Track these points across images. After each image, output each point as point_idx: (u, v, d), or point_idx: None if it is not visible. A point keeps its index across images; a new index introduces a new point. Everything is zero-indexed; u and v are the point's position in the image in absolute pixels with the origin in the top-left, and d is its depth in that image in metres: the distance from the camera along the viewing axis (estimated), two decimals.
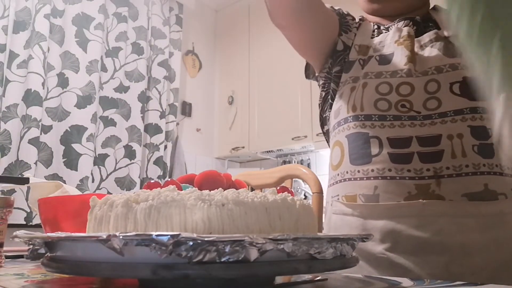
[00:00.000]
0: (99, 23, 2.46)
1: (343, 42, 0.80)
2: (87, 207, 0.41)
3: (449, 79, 0.66)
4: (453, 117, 0.64)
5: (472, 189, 0.61)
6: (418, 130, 0.65)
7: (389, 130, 0.66)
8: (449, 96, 0.65)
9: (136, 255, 0.31)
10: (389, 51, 0.73)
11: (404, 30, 0.74)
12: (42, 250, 0.39)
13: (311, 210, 0.44)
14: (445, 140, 0.64)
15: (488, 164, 0.62)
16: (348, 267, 0.39)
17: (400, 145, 0.65)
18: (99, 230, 0.38)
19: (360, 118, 0.69)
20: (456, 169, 0.62)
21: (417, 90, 0.66)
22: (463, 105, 0.64)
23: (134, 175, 2.49)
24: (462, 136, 0.63)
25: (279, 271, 0.34)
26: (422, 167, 0.63)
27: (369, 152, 0.67)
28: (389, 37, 0.75)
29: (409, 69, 0.68)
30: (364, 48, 0.76)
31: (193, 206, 0.35)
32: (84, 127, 2.31)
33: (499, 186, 0.62)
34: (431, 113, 0.65)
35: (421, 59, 0.69)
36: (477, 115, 0.64)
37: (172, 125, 2.82)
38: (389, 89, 0.68)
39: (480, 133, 0.63)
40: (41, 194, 0.76)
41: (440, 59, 0.68)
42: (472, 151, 0.63)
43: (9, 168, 2.00)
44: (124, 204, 0.37)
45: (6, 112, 2.04)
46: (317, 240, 0.35)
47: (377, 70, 0.71)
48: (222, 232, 0.35)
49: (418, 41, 0.73)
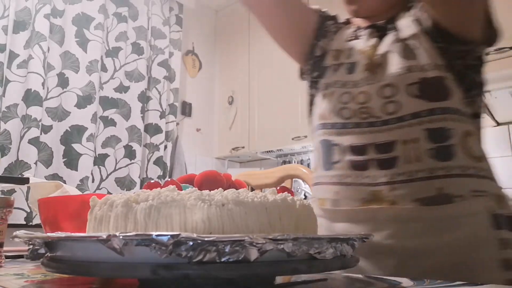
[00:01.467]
0: (99, 23, 2.46)
1: (321, 47, 0.81)
2: (87, 207, 0.41)
3: (406, 81, 0.65)
4: (409, 121, 0.64)
5: (424, 194, 0.62)
6: (375, 137, 0.66)
7: (350, 137, 0.68)
8: (407, 98, 0.65)
9: (136, 255, 0.31)
10: (355, 59, 0.74)
11: (370, 41, 0.75)
12: (42, 250, 0.39)
13: (311, 210, 0.44)
14: (399, 146, 0.64)
15: (444, 167, 0.62)
16: (348, 267, 0.39)
17: (359, 152, 0.67)
18: (99, 230, 0.38)
19: (327, 126, 0.72)
20: (409, 174, 0.63)
21: (374, 96, 0.67)
22: (421, 107, 0.64)
23: (134, 175, 2.49)
24: (418, 140, 0.63)
25: (279, 271, 0.34)
26: (378, 174, 0.64)
27: (331, 159, 0.70)
28: (356, 46, 0.76)
29: (366, 77, 0.69)
30: (339, 54, 0.77)
31: (193, 206, 0.35)
32: (84, 127, 2.31)
33: (456, 188, 0.62)
34: (390, 117, 0.65)
35: (380, 66, 0.69)
36: (435, 117, 0.63)
37: (172, 125, 2.82)
38: (350, 98, 0.69)
39: (437, 136, 0.63)
40: (41, 194, 0.76)
41: (396, 63, 0.68)
42: (427, 156, 0.63)
43: (9, 168, 2.00)
44: (124, 204, 0.37)
45: (6, 112, 2.04)
46: (317, 240, 0.35)
47: (343, 79, 0.72)
48: (222, 232, 0.35)
49: (380, 48, 0.73)
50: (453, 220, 0.60)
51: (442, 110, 0.63)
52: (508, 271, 0.58)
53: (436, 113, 0.63)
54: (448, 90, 0.65)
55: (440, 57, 0.66)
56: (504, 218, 0.62)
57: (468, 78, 0.68)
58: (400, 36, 0.70)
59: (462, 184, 0.62)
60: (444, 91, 0.65)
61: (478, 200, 0.62)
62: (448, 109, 0.64)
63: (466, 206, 0.61)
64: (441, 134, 0.63)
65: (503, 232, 0.61)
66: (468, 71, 0.68)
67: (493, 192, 0.64)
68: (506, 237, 0.61)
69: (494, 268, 0.58)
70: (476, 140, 0.67)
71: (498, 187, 0.68)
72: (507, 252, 0.59)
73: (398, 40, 0.70)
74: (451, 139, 0.63)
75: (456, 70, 0.67)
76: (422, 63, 0.66)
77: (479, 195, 0.62)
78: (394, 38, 0.71)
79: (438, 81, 0.65)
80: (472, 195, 0.62)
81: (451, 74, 0.66)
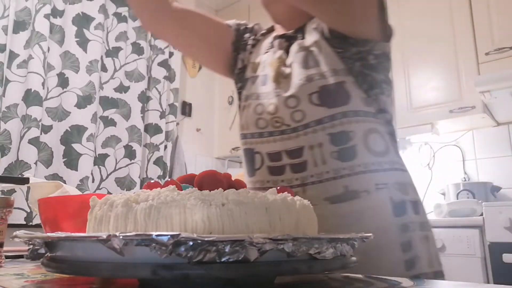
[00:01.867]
0: (99, 23, 2.46)
1: (242, 60, 0.86)
2: (87, 207, 0.42)
3: (306, 91, 0.69)
4: (314, 128, 0.69)
5: (332, 192, 0.67)
6: (287, 144, 0.71)
7: (267, 145, 0.73)
8: (310, 107, 0.69)
9: (136, 255, 0.31)
10: (266, 72, 0.78)
11: (277, 53, 0.78)
12: (42, 250, 0.39)
13: (311, 210, 0.44)
14: (307, 151, 0.69)
15: (348, 166, 0.67)
16: (348, 267, 0.39)
17: (275, 159, 0.72)
18: (99, 230, 0.38)
19: (247, 136, 0.77)
20: (318, 176, 0.68)
21: (281, 107, 0.71)
22: (323, 114, 0.68)
23: (134, 175, 2.49)
24: (322, 145, 0.68)
25: (279, 271, 0.34)
26: (292, 177, 0.70)
27: (254, 166, 0.76)
28: (267, 58, 0.80)
29: (274, 89, 0.73)
30: (256, 66, 0.82)
31: (193, 206, 0.35)
32: (84, 127, 2.31)
33: (361, 184, 0.67)
34: (298, 125, 0.70)
35: (285, 78, 0.73)
36: (336, 122, 0.68)
37: (172, 125, 2.81)
38: (263, 110, 0.74)
39: (339, 139, 0.68)
40: (41, 194, 0.76)
41: (298, 74, 0.71)
42: (331, 158, 0.68)
43: (9, 168, 2.00)
44: (124, 204, 0.37)
45: (6, 112, 2.04)
46: (317, 240, 0.35)
47: (257, 92, 0.77)
48: (222, 232, 0.35)
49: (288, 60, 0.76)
50: (359, 214, 0.66)
51: (342, 115, 0.68)
52: (405, 253, 0.65)
53: (337, 118, 0.68)
54: (347, 94, 0.69)
55: (339, 62, 0.70)
56: (408, 203, 0.69)
57: (368, 78, 0.71)
58: (304, 44, 0.74)
59: (366, 180, 0.68)
60: (343, 96, 0.69)
61: (381, 192, 0.67)
62: (347, 113, 0.68)
63: (370, 199, 0.67)
64: (342, 137, 0.68)
65: (406, 217, 0.67)
66: (368, 71, 0.72)
67: (396, 182, 0.69)
68: (407, 222, 0.67)
69: (395, 250, 0.64)
70: (378, 137, 0.71)
71: (403, 175, 0.72)
72: (406, 235, 0.66)
73: (302, 49, 0.74)
74: (352, 141, 0.68)
75: (356, 73, 0.71)
76: (322, 70, 0.70)
77: (382, 188, 0.68)
78: (298, 47, 0.74)
79: (338, 87, 0.69)
80: (376, 188, 0.67)
81: (351, 77, 0.70)
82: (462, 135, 2.51)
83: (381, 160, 0.69)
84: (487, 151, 2.42)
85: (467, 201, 2.14)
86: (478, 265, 1.80)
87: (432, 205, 2.26)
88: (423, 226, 0.70)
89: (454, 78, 2.26)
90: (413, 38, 2.43)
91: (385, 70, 0.74)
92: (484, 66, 2.15)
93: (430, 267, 0.68)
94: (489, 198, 2.20)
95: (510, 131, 2.36)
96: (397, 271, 0.63)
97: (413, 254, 0.65)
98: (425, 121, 2.33)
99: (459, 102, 2.22)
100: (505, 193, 2.29)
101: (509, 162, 2.33)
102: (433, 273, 0.68)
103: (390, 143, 0.72)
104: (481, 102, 2.14)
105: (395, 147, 0.74)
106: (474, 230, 1.85)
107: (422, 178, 2.59)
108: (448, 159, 2.55)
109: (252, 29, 0.89)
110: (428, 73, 2.36)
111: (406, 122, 2.40)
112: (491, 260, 1.78)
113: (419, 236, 0.68)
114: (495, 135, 2.40)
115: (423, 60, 2.39)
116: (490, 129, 2.42)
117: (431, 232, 0.72)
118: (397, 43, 2.49)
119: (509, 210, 1.78)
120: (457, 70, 2.25)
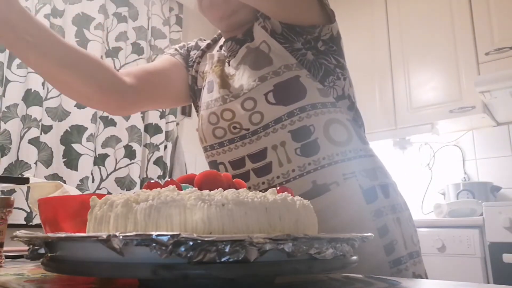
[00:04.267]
0: (99, 23, 2.46)
1: (192, 75, 0.86)
2: (87, 207, 0.41)
3: (262, 91, 0.68)
4: (274, 127, 0.68)
5: (302, 190, 0.66)
6: (248, 148, 0.70)
7: (229, 154, 0.72)
8: (267, 107, 0.68)
9: (136, 255, 0.31)
10: (210, 78, 0.77)
11: (215, 56, 0.77)
12: (42, 250, 0.39)
13: (311, 210, 0.44)
14: (270, 152, 0.68)
15: (313, 161, 0.67)
16: (348, 267, 0.39)
17: (238, 166, 0.71)
18: (99, 230, 0.38)
19: (207, 149, 0.76)
20: (285, 176, 0.68)
21: (237, 112, 0.70)
22: (281, 113, 0.67)
23: (134, 175, 2.49)
24: (285, 144, 0.67)
25: (279, 271, 0.34)
26: (259, 182, 0.69)
27: None
28: (208, 65, 0.79)
29: (223, 96, 0.72)
30: (205, 76, 0.81)
31: (193, 206, 0.35)
32: (84, 127, 2.31)
33: (329, 177, 0.67)
34: (257, 127, 0.69)
35: (234, 82, 0.72)
36: (295, 118, 0.67)
37: (172, 125, 2.81)
38: (217, 119, 0.72)
39: (300, 135, 0.67)
40: (41, 194, 0.76)
41: (249, 75, 0.70)
42: (296, 155, 0.67)
43: (9, 168, 2.00)
44: (124, 204, 0.37)
45: (6, 112, 2.04)
46: (317, 240, 0.35)
47: (205, 100, 0.76)
48: (222, 232, 0.35)
49: (233, 62, 0.75)
50: (333, 206, 0.66)
51: (300, 110, 0.67)
52: (383, 238, 0.65)
53: (295, 114, 0.67)
54: (303, 88, 0.68)
55: (291, 56, 0.70)
56: (377, 188, 0.69)
57: (322, 67, 0.71)
58: (252, 46, 0.73)
59: (332, 172, 0.67)
60: (299, 91, 0.68)
61: (350, 182, 0.67)
62: (305, 108, 0.68)
63: (340, 190, 0.66)
64: (303, 132, 0.67)
65: (378, 202, 0.67)
66: (320, 59, 0.71)
67: (363, 169, 0.69)
68: (379, 207, 0.67)
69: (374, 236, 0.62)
70: (339, 126, 0.70)
71: (370, 160, 0.72)
72: (380, 221, 0.66)
73: (251, 51, 0.73)
74: (313, 134, 0.67)
75: (308, 64, 0.70)
76: (275, 67, 0.69)
77: (350, 177, 0.67)
78: (246, 50, 0.73)
79: (293, 82, 0.68)
80: (344, 178, 0.67)
81: (305, 70, 0.69)
82: (462, 135, 2.51)
83: (344, 149, 0.69)
84: (487, 151, 2.42)
85: (467, 201, 2.14)
86: (478, 265, 1.80)
87: (432, 205, 2.26)
88: (394, 208, 0.70)
89: (454, 78, 2.26)
90: (413, 38, 2.43)
91: (336, 54, 0.74)
92: (484, 66, 2.15)
93: (405, 249, 0.68)
94: (489, 198, 2.20)
95: (510, 131, 2.36)
96: (379, 257, 0.64)
97: (391, 238, 0.66)
98: (425, 121, 2.34)
99: (459, 102, 2.22)
100: (505, 193, 2.29)
101: (509, 162, 2.33)
102: (408, 254, 0.67)
103: (353, 130, 0.71)
104: (481, 102, 2.14)
105: (359, 133, 0.73)
106: (474, 230, 1.85)
107: (422, 178, 2.59)
108: (448, 159, 2.55)
109: (196, 45, 0.89)
110: (428, 73, 2.36)
111: (406, 122, 2.40)
112: (491, 260, 1.78)
113: (392, 219, 0.68)
114: (495, 135, 2.40)
115: (423, 60, 2.39)
116: (490, 129, 2.42)
117: (403, 213, 0.72)
118: (397, 43, 2.50)
119: (509, 210, 1.78)
120: (457, 70, 2.25)
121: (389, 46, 2.52)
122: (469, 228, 1.87)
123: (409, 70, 2.43)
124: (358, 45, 2.62)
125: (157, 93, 0.85)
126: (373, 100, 2.54)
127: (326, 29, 0.72)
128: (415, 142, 2.65)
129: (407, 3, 2.49)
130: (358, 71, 2.59)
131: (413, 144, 2.67)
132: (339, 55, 0.75)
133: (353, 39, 2.61)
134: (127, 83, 0.80)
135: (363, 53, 2.60)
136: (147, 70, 0.84)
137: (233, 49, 0.77)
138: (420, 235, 1.95)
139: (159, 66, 0.85)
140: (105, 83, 0.77)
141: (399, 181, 0.82)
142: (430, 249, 1.90)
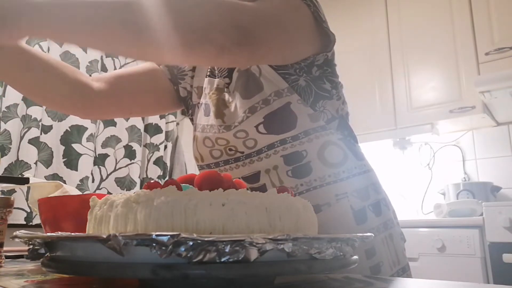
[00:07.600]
0: None
1: (184, 88, 0.85)
2: (87, 207, 0.42)
3: (252, 123, 0.68)
4: (267, 152, 0.69)
5: None
6: (242, 171, 0.71)
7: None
8: (259, 136, 0.68)
9: (136, 255, 0.31)
10: (207, 101, 0.76)
11: (215, 82, 0.76)
12: (42, 250, 0.39)
13: (311, 210, 0.44)
14: (263, 175, 0.70)
15: (305, 182, 0.68)
16: (348, 267, 0.39)
17: None
18: (99, 230, 0.39)
19: (204, 167, 0.77)
20: None
21: (231, 140, 0.70)
22: (273, 140, 0.68)
23: (134, 175, 2.49)
24: (277, 167, 0.68)
25: (279, 271, 0.34)
26: None
27: None
28: (207, 89, 0.78)
29: (218, 125, 0.72)
30: (200, 91, 0.80)
31: (193, 206, 0.35)
32: (84, 127, 2.31)
33: (321, 198, 0.67)
34: (251, 151, 0.69)
35: (228, 111, 0.72)
36: (287, 145, 0.68)
37: (172, 125, 2.81)
38: (212, 144, 0.74)
39: (292, 159, 0.68)
40: (41, 194, 0.76)
41: (242, 105, 0.70)
42: (287, 176, 0.68)
43: (9, 168, 2.00)
44: (124, 204, 0.37)
45: (6, 112, 2.04)
46: (317, 240, 0.35)
47: (201, 123, 0.77)
48: (222, 232, 0.35)
49: (229, 90, 0.74)
50: (323, 227, 0.65)
51: (292, 138, 0.68)
52: (370, 259, 0.66)
53: (287, 142, 0.68)
54: (294, 116, 0.68)
55: (282, 81, 0.69)
56: (368, 209, 0.69)
57: (313, 92, 0.70)
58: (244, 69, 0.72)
59: (325, 193, 0.67)
60: (290, 120, 0.68)
61: (341, 203, 0.67)
62: (297, 136, 0.68)
63: (331, 211, 0.67)
64: (296, 157, 0.68)
65: (368, 223, 0.68)
66: (313, 84, 0.70)
67: (355, 189, 0.69)
68: (368, 229, 0.67)
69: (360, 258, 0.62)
70: (333, 148, 0.70)
71: (364, 178, 0.72)
72: (369, 243, 0.66)
73: (242, 74, 0.72)
74: (305, 158, 0.68)
75: (300, 89, 0.69)
76: (266, 94, 0.68)
77: (342, 198, 0.68)
78: (238, 73, 0.72)
79: (283, 111, 0.68)
80: (336, 199, 0.67)
81: (296, 95, 0.69)
82: (462, 135, 2.51)
83: (338, 170, 0.69)
84: (487, 151, 2.42)
85: (467, 201, 2.14)
86: (478, 265, 1.80)
87: (432, 205, 2.26)
88: (386, 225, 0.70)
89: (454, 78, 2.26)
90: (413, 38, 2.43)
91: (331, 75, 0.73)
92: (484, 66, 2.15)
93: (392, 268, 0.68)
94: (489, 198, 2.20)
95: (510, 131, 2.37)
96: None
97: (377, 259, 0.66)
98: (425, 121, 2.34)
99: (459, 102, 2.22)
100: (505, 193, 2.29)
101: (509, 162, 2.33)
102: (395, 273, 0.68)
103: (347, 149, 0.71)
104: (481, 102, 2.14)
105: (354, 150, 0.72)
106: (474, 230, 1.85)
107: (422, 178, 2.59)
108: (448, 159, 2.55)
109: None
110: (428, 73, 2.36)
111: (406, 122, 2.40)
112: (491, 260, 1.78)
113: (382, 238, 0.68)
114: (495, 135, 2.40)
115: (423, 60, 2.39)
116: (490, 129, 2.42)
117: (395, 228, 0.72)
118: (397, 43, 2.50)
119: (509, 210, 1.78)
120: (457, 70, 2.25)
121: (389, 46, 2.52)
122: (469, 228, 1.87)
123: (409, 70, 2.43)
124: (358, 45, 2.62)
125: (127, 98, 0.83)
126: (373, 100, 2.53)
127: (322, 55, 0.71)
128: (415, 142, 2.65)
129: (407, 3, 2.49)
130: (358, 71, 2.59)
131: (413, 144, 2.67)
132: (333, 75, 0.74)
133: (353, 39, 2.61)
134: (94, 88, 0.80)
135: (363, 53, 2.60)
136: (119, 74, 0.84)
137: (223, 69, 0.76)
138: (420, 235, 1.96)
139: (134, 71, 0.85)
140: (66, 88, 0.77)
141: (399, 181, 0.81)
142: (430, 249, 1.90)
